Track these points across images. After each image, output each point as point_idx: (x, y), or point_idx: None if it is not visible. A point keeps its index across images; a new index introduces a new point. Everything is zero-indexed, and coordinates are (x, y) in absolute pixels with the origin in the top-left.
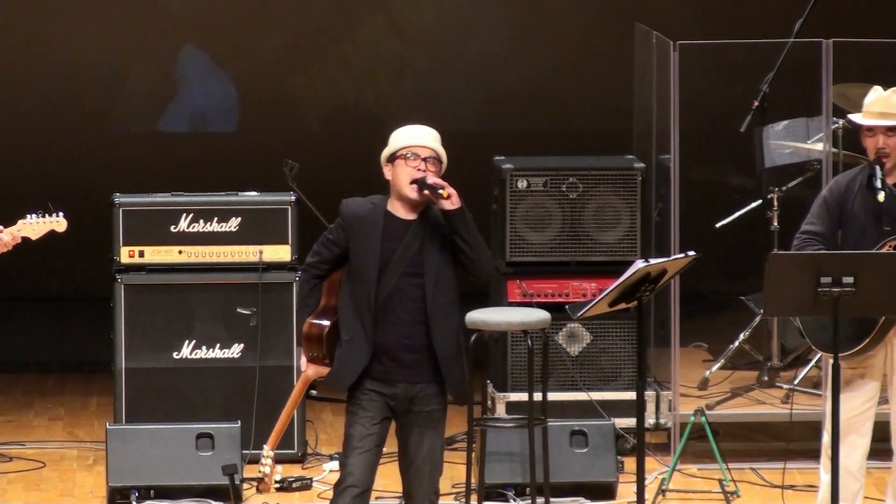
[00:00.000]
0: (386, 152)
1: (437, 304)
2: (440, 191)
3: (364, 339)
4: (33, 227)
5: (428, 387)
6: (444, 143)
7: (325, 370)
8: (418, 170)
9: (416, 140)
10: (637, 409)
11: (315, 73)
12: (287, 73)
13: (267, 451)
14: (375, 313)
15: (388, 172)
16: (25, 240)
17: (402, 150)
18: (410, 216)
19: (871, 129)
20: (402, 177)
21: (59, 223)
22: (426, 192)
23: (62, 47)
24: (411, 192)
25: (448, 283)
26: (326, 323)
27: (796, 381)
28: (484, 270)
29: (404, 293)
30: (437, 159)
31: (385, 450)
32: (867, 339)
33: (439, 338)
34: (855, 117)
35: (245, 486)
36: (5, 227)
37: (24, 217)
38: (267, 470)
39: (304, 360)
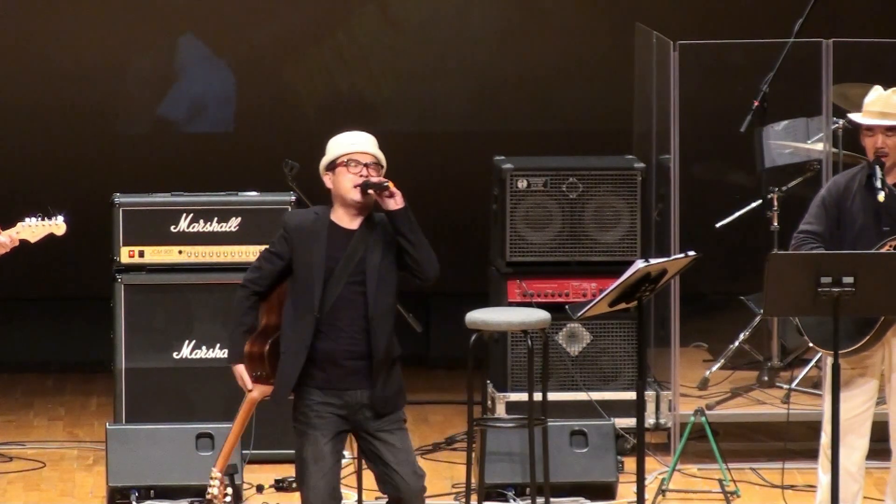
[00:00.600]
0: (325, 161)
1: (378, 309)
2: (385, 185)
3: (302, 347)
4: (32, 229)
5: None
6: (444, 144)
7: (269, 389)
8: (360, 175)
9: (356, 147)
10: (637, 409)
11: (311, 63)
12: (283, 63)
13: (214, 472)
14: (318, 321)
15: (328, 181)
16: (24, 242)
17: (342, 157)
18: (353, 225)
19: (870, 128)
20: (344, 183)
21: (58, 227)
22: (371, 191)
23: (60, 46)
24: (355, 195)
25: (389, 289)
26: (267, 340)
27: (796, 382)
28: (428, 271)
29: (350, 301)
30: (378, 164)
31: None
32: (866, 338)
33: (379, 341)
34: (854, 116)
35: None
36: (4, 228)
37: (23, 219)
38: (215, 491)
39: (247, 378)
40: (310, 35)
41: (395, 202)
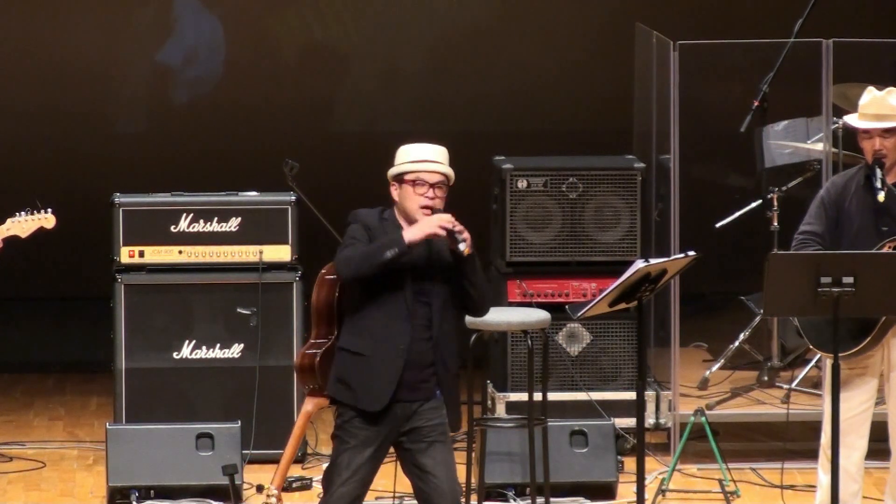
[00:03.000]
0: (393, 171)
1: (443, 326)
2: (463, 239)
3: (394, 353)
4: (22, 224)
5: (428, 402)
6: (444, 144)
7: (324, 401)
8: (426, 197)
9: (425, 165)
10: (637, 409)
11: (291, 16)
12: (266, 14)
13: (271, 489)
14: (412, 323)
15: (394, 192)
16: (15, 238)
17: (409, 174)
18: None
19: (866, 130)
20: (410, 203)
21: (47, 219)
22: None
23: (59, 43)
24: (420, 216)
25: (452, 310)
26: (317, 352)
27: (795, 382)
28: (484, 310)
29: (415, 309)
30: (445, 183)
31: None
32: (866, 340)
33: (446, 355)
34: (850, 119)
35: (245, 485)
36: None
37: (12, 216)
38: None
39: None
40: None
41: (467, 247)
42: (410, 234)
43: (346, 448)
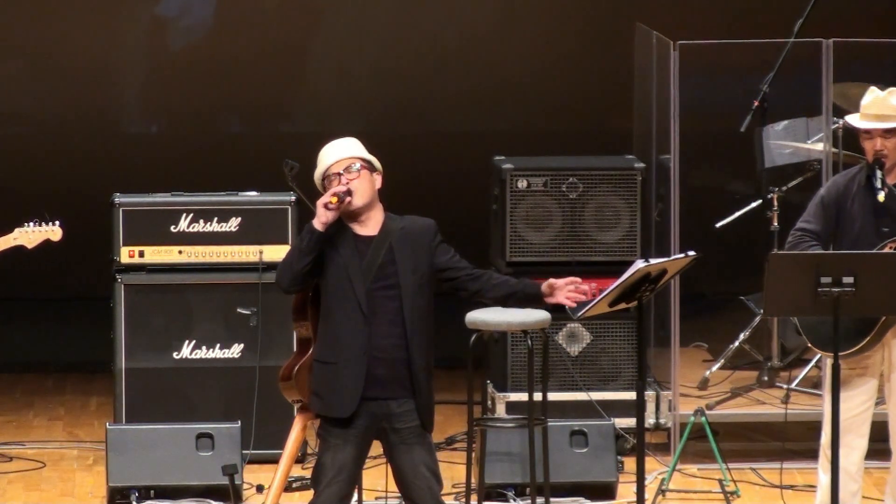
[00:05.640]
0: (316, 179)
1: (415, 321)
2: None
3: (356, 355)
4: (29, 235)
5: (406, 402)
6: (444, 144)
7: (310, 416)
8: (339, 185)
9: (330, 158)
10: (637, 409)
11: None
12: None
13: None
14: (371, 322)
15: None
16: (21, 248)
17: (325, 176)
18: (370, 231)
19: (868, 131)
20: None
21: (54, 232)
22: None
23: (58, 42)
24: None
25: (423, 301)
26: (294, 365)
27: (796, 382)
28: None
29: (377, 306)
30: (356, 166)
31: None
32: (866, 339)
33: (416, 353)
34: (851, 119)
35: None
36: (2, 234)
37: (21, 224)
38: None
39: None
40: None
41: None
42: (316, 218)
43: (329, 448)
